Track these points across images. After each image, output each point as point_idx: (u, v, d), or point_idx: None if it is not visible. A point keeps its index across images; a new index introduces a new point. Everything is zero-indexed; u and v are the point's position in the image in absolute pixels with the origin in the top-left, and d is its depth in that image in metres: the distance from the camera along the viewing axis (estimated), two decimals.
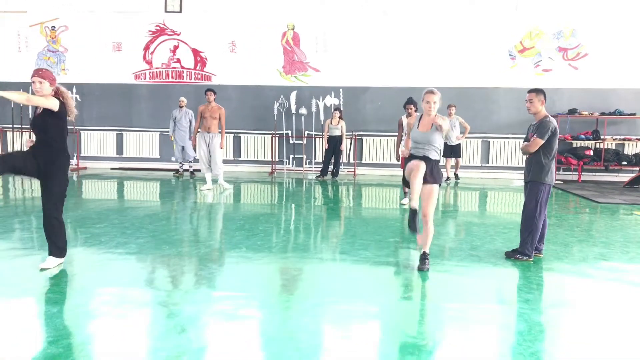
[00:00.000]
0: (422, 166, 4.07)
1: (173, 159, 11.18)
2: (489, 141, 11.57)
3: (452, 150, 10.48)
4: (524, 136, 4.82)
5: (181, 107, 10.70)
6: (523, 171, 4.84)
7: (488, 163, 11.61)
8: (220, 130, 8.68)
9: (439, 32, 11.49)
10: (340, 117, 10.59)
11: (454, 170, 10.86)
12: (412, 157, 4.29)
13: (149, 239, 5.01)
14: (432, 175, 4.17)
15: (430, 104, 4.24)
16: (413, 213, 3.98)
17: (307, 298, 3.49)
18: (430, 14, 11.50)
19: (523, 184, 4.73)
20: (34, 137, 4.00)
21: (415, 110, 7.96)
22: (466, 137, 10.96)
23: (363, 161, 11.91)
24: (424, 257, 4.19)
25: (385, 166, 11.62)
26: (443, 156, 10.66)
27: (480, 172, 11.58)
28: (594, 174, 11.27)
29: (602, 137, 11.00)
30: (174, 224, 6.02)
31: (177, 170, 11.09)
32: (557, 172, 11.01)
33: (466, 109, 11.09)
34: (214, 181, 9.11)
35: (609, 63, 11.07)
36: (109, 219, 5.98)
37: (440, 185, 4.27)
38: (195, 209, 7.25)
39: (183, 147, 10.70)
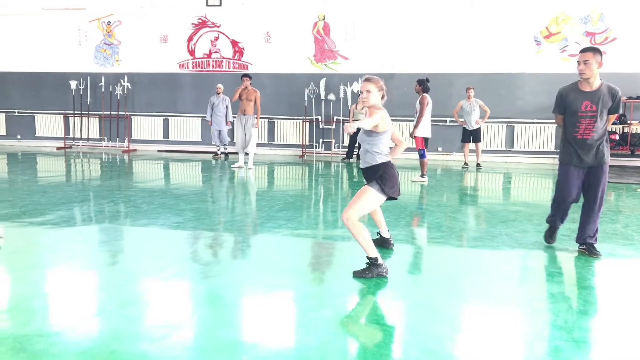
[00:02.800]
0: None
1: (214, 142, 12.13)
2: (513, 126, 11.78)
3: (471, 135, 10.54)
4: (549, 121, 4.59)
5: (218, 93, 11.62)
6: (551, 155, 4.84)
7: (512, 147, 11.84)
8: (255, 114, 9.54)
9: (464, 18, 11.77)
10: None
11: (475, 156, 10.83)
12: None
13: (193, 214, 5.90)
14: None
15: (362, 94, 3.71)
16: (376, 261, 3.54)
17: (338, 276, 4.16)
18: (456, 1, 11.78)
19: (558, 167, 4.33)
20: None
21: (424, 90, 8.27)
22: (489, 122, 11.20)
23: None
24: (369, 264, 3.57)
25: (409, 150, 12.08)
26: (462, 141, 11.02)
27: (504, 156, 11.83)
28: (619, 158, 11.27)
29: (628, 121, 10.99)
30: (215, 201, 6.91)
31: (215, 153, 12.07)
32: None
33: (491, 95, 11.36)
34: (246, 162, 9.97)
35: (638, 47, 11.00)
36: (155, 197, 6.95)
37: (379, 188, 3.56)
38: (232, 188, 8.13)
39: (220, 132, 11.65)
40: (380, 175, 3.57)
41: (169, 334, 2.64)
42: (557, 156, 4.61)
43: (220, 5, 12.93)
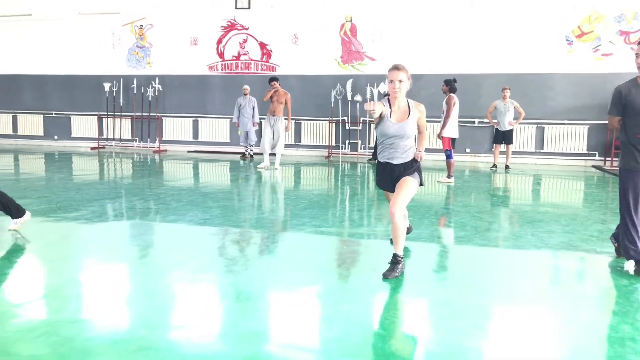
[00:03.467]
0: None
1: (241, 143, 12.29)
2: (543, 127, 11.56)
3: (503, 136, 10.41)
4: (581, 122, 4.33)
5: (245, 94, 11.79)
6: (583, 157, 4.55)
7: (542, 149, 11.62)
8: (285, 116, 9.65)
9: (493, 17, 11.63)
10: None
11: (504, 158, 10.69)
12: (380, 165, 3.85)
13: (219, 211, 6.03)
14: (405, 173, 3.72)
15: (394, 84, 3.64)
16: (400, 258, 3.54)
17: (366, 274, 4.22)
18: (485, 1, 11.65)
19: (620, 175, 3.88)
20: None
21: (451, 90, 8.22)
22: (519, 123, 11.04)
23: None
24: (394, 261, 3.54)
25: (437, 151, 12.01)
26: (493, 142, 10.88)
27: (534, 158, 11.63)
28: None
29: None
30: (241, 199, 7.05)
31: (243, 154, 12.23)
32: (611, 158, 10.82)
33: (521, 95, 11.18)
34: (272, 162, 10.09)
35: None
36: (184, 195, 7.12)
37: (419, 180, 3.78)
38: (257, 187, 8.25)
39: (247, 132, 11.82)
40: (418, 167, 3.80)
41: (194, 324, 2.72)
42: (589, 158, 4.44)
43: (249, 8, 13.12)
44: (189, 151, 13.53)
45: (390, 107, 3.76)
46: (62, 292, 3.13)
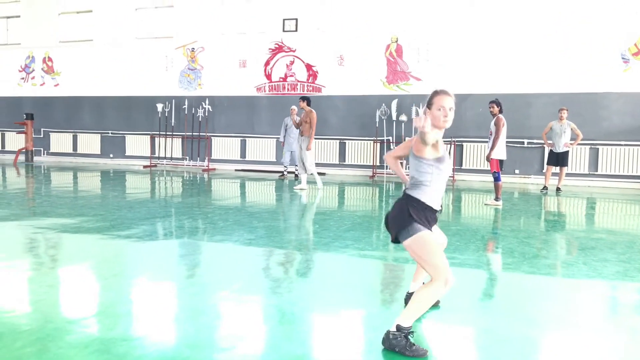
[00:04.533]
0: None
1: (282, 162, 12.50)
2: (597, 148, 11.14)
3: (557, 158, 10.07)
4: (638, 143, 4.25)
5: (292, 115, 11.98)
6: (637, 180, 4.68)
7: (596, 171, 11.18)
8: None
9: (543, 35, 11.39)
10: None
11: (556, 180, 10.33)
12: (428, 210, 2.92)
13: (264, 232, 6.16)
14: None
15: (444, 111, 2.83)
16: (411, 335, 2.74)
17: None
18: (534, 18, 11.44)
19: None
20: None
21: (500, 111, 8.03)
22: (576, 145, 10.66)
23: (463, 167, 12.19)
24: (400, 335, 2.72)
25: (484, 172, 11.79)
26: (547, 163, 10.54)
27: (587, 180, 11.20)
28: None
29: None
30: (285, 219, 7.17)
31: (282, 173, 12.40)
32: None
33: (574, 115, 10.84)
34: (309, 182, 10.16)
35: None
36: (230, 214, 7.31)
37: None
38: (301, 207, 8.35)
39: (292, 152, 11.99)
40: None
41: (237, 345, 2.78)
42: None
43: (296, 30, 13.43)
44: (236, 170, 13.85)
45: None
46: (113, 310, 3.27)
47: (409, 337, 2.72)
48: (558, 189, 10.07)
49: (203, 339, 2.86)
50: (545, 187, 10.17)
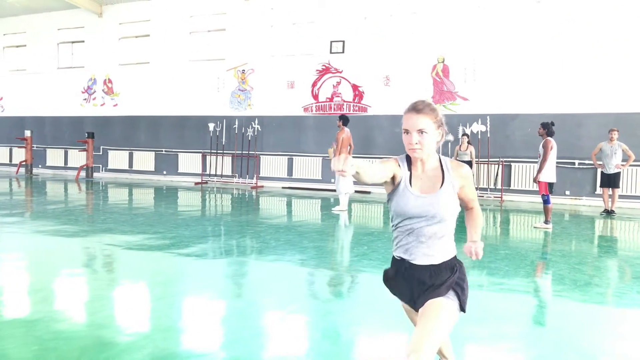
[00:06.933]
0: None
1: (332, 180, 12.74)
2: None
3: (609, 180, 9.92)
4: None
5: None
6: None
7: None
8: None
9: (594, 54, 11.20)
10: (468, 143, 11.10)
11: (611, 202, 10.09)
12: (395, 262, 2.34)
13: (315, 252, 6.40)
14: (436, 284, 2.23)
15: (410, 136, 2.18)
16: None
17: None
18: (585, 35, 11.28)
19: None
20: None
21: (548, 133, 7.90)
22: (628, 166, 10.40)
23: (511, 187, 12.05)
24: None
25: (533, 193, 11.61)
26: (600, 186, 10.28)
27: None
28: None
29: None
30: (334, 240, 7.38)
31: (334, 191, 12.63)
32: None
33: (627, 136, 10.59)
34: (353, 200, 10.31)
35: None
36: (281, 234, 7.59)
37: (460, 301, 2.26)
38: (349, 227, 8.54)
39: None
40: (460, 278, 2.28)
41: None
42: None
43: (343, 52, 13.74)
44: (283, 187, 14.20)
45: (410, 169, 2.28)
46: (175, 325, 3.55)
47: None
48: (612, 211, 9.85)
49: (256, 359, 3.08)
50: (605, 210, 9.98)
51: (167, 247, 6.15)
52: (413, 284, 2.27)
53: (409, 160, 2.29)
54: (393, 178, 2.26)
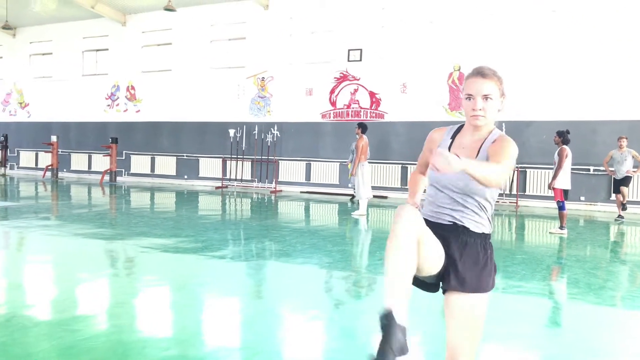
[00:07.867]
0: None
1: (349, 185, 13.05)
2: None
3: (619, 185, 10.08)
4: None
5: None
6: None
7: None
8: (362, 162, 9.85)
9: (609, 61, 11.40)
10: None
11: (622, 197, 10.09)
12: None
13: (340, 255, 6.74)
14: (466, 272, 2.04)
15: (475, 101, 2.04)
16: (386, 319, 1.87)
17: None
18: (599, 43, 11.49)
19: None
20: None
21: (563, 141, 8.14)
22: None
23: (527, 193, 12.27)
24: None
25: (548, 198, 11.81)
26: (613, 192, 10.47)
27: None
28: None
29: None
30: (356, 244, 7.71)
31: (353, 196, 12.94)
32: None
33: None
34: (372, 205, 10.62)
35: None
36: (306, 237, 7.94)
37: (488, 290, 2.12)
38: (369, 230, 8.86)
39: None
40: (485, 257, 2.09)
41: None
42: None
43: (360, 60, 14.08)
44: (301, 192, 14.56)
45: (453, 138, 2.18)
46: (207, 329, 3.90)
47: None
48: (624, 207, 10.05)
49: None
50: (619, 216, 10.17)
51: (200, 250, 6.52)
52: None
53: (458, 131, 2.17)
54: None
